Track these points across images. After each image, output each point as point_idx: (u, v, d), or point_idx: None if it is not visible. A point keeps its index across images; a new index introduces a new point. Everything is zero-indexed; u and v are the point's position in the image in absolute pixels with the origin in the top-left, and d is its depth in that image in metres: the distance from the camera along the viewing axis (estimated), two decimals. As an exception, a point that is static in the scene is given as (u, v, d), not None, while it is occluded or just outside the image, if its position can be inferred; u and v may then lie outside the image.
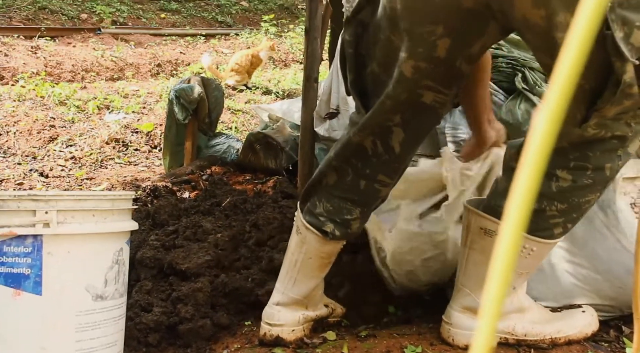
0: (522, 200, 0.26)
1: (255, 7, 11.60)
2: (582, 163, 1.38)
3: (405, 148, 1.58)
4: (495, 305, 0.27)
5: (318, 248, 1.67)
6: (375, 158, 1.58)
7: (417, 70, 1.42)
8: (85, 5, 9.64)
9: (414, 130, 1.56)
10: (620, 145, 1.37)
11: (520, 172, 0.27)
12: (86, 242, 1.47)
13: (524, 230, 1.08)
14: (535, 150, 0.26)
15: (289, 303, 1.71)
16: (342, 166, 1.61)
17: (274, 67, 7.97)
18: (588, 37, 0.27)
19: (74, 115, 5.03)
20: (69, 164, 4.11)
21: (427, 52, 1.39)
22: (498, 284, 0.27)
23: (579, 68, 0.26)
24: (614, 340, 1.60)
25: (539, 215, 1.44)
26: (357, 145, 1.58)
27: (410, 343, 1.60)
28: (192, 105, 3.41)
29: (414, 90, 1.47)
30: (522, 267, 1.52)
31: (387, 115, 1.52)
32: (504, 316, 1.59)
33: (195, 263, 1.96)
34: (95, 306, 1.47)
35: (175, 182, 3.10)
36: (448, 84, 1.48)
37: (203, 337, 1.77)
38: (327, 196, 1.64)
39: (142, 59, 7.40)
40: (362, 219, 1.67)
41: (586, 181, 1.39)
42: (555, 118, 0.25)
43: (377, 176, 1.60)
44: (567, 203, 1.42)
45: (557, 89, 0.25)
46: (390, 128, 1.55)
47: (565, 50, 0.26)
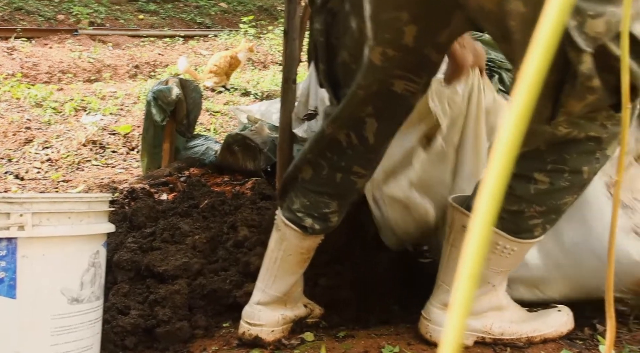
0: (491, 196, 0.27)
1: (234, 8, 11.58)
2: (559, 166, 1.39)
3: (379, 138, 1.58)
4: (465, 302, 0.27)
5: (297, 245, 1.67)
6: (351, 150, 1.59)
7: (386, 58, 1.42)
8: (62, 6, 9.55)
9: (388, 119, 1.56)
10: (597, 147, 1.37)
11: (489, 168, 0.27)
12: (62, 245, 1.45)
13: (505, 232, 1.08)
14: (504, 146, 0.26)
15: (270, 302, 1.71)
16: (317, 161, 1.62)
17: (253, 68, 7.95)
18: (556, 30, 0.27)
19: (50, 117, 4.98)
20: (45, 167, 4.07)
21: (394, 38, 1.39)
22: (467, 281, 0.27)
23: (546, 63, 0.27)
24: (588, 338, 1.62)
25: (518, 217, 1.45)
26: (331, 139, 1.58)
27: (388, 343, 1.60)
28: (169, 107, 3.39)
29: (384, 79, 1.47)
30: (503, 266, 1.53)
31: (359, 106, 1.52)
32: (481, 314, 1.60)
33: (172, 266, 1.94)
34: (71, 309, 1.45)
35: (153, 184, 3.08)
36: (418, 73, 1.48)
37: (181, 339, 1.76)
38: (304, 191, 1.65)
39: (119, 60, 7.34)
40: (340, 212, 1.68)
41: (563, 183, 1.40)
42: (523, 114, 0.25)
43: (352, 168, 1.61)
44: (546, 205, 1.43)
45: (524, 85, 0.26)
46: (363, 119, 1.55)
47: (532, 44, 0.27)
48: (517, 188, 1.42)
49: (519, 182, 1.42)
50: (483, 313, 1.60)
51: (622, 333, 1.65)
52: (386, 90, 1.49)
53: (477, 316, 1.59)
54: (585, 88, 1.25)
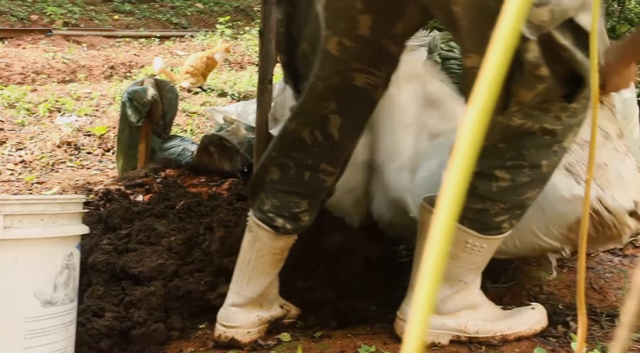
0: (453, 192, 0.27)
1: (210, 9, 11.53)
2: (518, 161, 1.40)
3: (344, 134, 1.58)
4: (428, 299, 0.28)
5: (270, 245, 1.67)
6: (316, 147, 1.59)
7: (343, 49, 1.42)
8: (35, 6, 9.44)
9: (351, 114, 1.56)
10: (554, 140, 1.39)
11: (452, 163, 0.27)
12: (34, 247, 1.43)
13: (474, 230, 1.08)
14: (465, 141, 0.27)
15: (245, 304, 1.70)
16: (283, 161, 1.62)
17: (230, 69, 7.93)
18: (517, 24, 0.27)
19: (24, 118, 4.92)
20: (19, 168, 4.02)
21: (349, 28, 1.39)
22: (430, 278, 0.28)
23: (507, 58, 0.27)
24: (561, 336, 1.64)
25: (484, 215, 1.46)
26: (296, 137, 1.58)
27: (364, 342, 1.61)
28: (145, 108, 3.37)
29: (344, 73, 1.46)
30: (474, 263, 1.54)
31: (322, 102, 1.52)
32: (456, 313, 1.61)
33: (148, 267, 1.93)
34: (44, 312, 1.44)
35: (128, 186, 3.06)
36: (378, 66, 1.49)
37: (156, 341, 1.75)
38: (273, 192, 1.64)
39: (94, 61, 7.27)
40: (312, 211, 1.68)
41: (524, 179, 1.42)
42: (484, 109, 0.26)
43: (319, 165, 1.61)
44: (509, 202, 1.44)
45: (485, 80, 0.26)
46: (326, 116, 1.55)
47: (493, 38, 0.27)
48: (479, 186, 1.43)
49: (481, 181, 1.43)
50: (457, 312, 1.61)
51: (595, 331, 1.67)
52: (348, 84, 1.49)
53: (452, 315, 1.60)
54: (534, 76, 1.26)
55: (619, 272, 2.07)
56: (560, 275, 2.05)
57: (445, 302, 1.59)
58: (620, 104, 2.40)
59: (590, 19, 1.24)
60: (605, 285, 1.96)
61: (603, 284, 1.97)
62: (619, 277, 2.03)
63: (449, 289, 1.57)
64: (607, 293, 1.91)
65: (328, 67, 1.45)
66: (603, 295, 1.90)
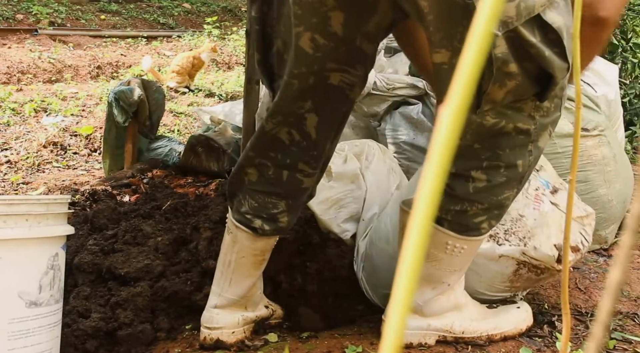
0: (429, 191, 0.27)
1: (198, 9, 11.50)
2: (494, 162, 1.41)
3: (321, 133, 1.57)
4: (405, 300, 0.28)
5: (250, 246, 1.66)
6: (294, 146, 1.58)
7: (317, 47, 1.41)
8: (21, 6, 9.38)
9: (327, 112, 1.55)
10: (528, 140, 1.39)
11: (428, 163, 0.27)
12: (19, 247, 1.42)
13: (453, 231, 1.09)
14: (441, 140, 0.27)
15: (227, 305, 1.69)
16: (261, 161, 1.61)
17: (217, 69, 7.91)
18: (491, 21, 0.28)
19: (9, 118, 4.89)
20: (4, 168, 3.99)
21: (321, 24, 1.39)
22: (407, 278, 0.28)
23: (482, 57, 0.27)
24: (547, 335, 1.65)
25: (462, 216, 1.46)
26: (273, 137, 1.57)
27: (351, 343, 1.61)
28: (132, 108, 3.35)
29: (319, 72, 1.46)
30: (456, 265, 1.55)
31: (297, 101, 1.51)
32: (441, 314, 1.61)
33: (134, 268, 1.92)
34: (29, 313, 1.43)
35: (115, 186, 3.05)
36: (353, 65, 1.49)
37: (143, 342, 1.74)
38: (251, 193, 1.63)
39: (81, 60, 7.23)
40: (290, 212, 1.66)
41: (500, 179, 1.42)
42: (460, 108, 0.26)
43: (297, 165, 1.60)
44: (487, 202, 1.45)
45: (461, 79, 0.26)
46: (303, 115, 1.54)
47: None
48: (456, 188, 1.44)
49: (458, 182, 1.44)
50: (443, 314, 1.61)
51: (580, 330, 1.68)
52: (323, 83, 1.49)
53: (438, 316, 1.61)
54: (503, 73, 1.26)
55: (604, 272, 2.08)
56: (546, 275, 2.06)
57: (429, 304, 1.59)
58: (605, 105, 2.43)
59: (558, 16, 1.25)
60: (590, 285, 1.98)
61: (588, 284, 1.99)
62: (604, 277, 2.04)
63: (432, 291, 1.58)
64: (592, 293, 1.92)
65: (302, 64, 1.45)
66: (588, 295, 1.91)
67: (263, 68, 1.56)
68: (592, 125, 2.27)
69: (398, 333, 0.28)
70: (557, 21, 1.23)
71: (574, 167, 0.94)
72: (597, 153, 2.25)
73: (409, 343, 1.60)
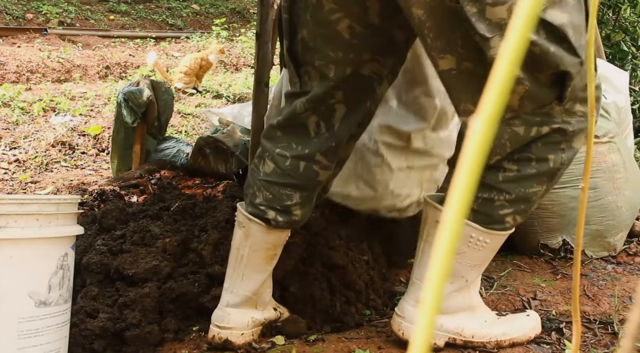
0: (462, 193, 0.27)
1: (206, 10, 11.52)
2: (525, 154, 1.43)
3: (344, 125, 1.63)
4: (436, 296, 0.28)
5: (263, 239, 1.67)
6: (317, 138, 1.63)
7: (354, 34, 1.48)
8: (31, 5, 9.41)
9: (355, 105, 1.61)
10: (563, 139, 1.41)
11: (461, 164, 0.27)
12: (29, 247, 1.43)
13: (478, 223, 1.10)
14: (474, 149, 0.27)
15: (239, 303, 1.70)
16: (280, 152, 1.65)
17: (225, 71, 7.92)
18: (526, 32, 0.28)
19: (18, 117, 4.90)
20: (13, 167, 4.00)
21: (361, 13, 1.46)
22: (439, 274, 0.28)
23: (516, 64, 0.27)
24: (555, 342, 1.65)
25: (489, 205, 1.47)
26: (302, 124, 1.63)
27: (358, 347, 1.61)
28: (140, 109, 3.36)
29: (355, 62, 1.53)
30: (476, 259, 1.54)
31: (331, 91, 1.57)
32: (455, 313, 1.60)
33: (142, 269, 1.93)
34: (38, 312, 1.43)
35: (123, 186, 3.05)
36: (384, 53, 1.55)
37: (150, 343, 1.74)
38: (266, 185, 1.66)
39: (90, 60, 7.25)
40: (304, 205, 1.68)
41: (530, 171, 1.43)
42: (493, 116, 0.26)
43: (315, 156, 1.63)
44: (515, 193, 1.45)
45: (495, 84, 0.26)
46: (333, 106, 1.60)
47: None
48: (486, 176, 1.45)
49: (489, 171, 1.45)
50: (456, 312, 1.60)
51: (588, 338, 1.68)
52: (356, 73, 1.55)
53: (451, 315, 1.60)
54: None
55: (613, 280, 2.08)
56: (554, 281, 2.05)
57: (445, 300, 1.59)
58: (615, 112, 2.42)
59: (562, 14, 1.26)
60: (598, 293, 1.97)
61: (596, 291, 1.98)
62: (613, 284, 2.03)
63: (450, 286, 1.58)
64: (601, 300, 1.91)
65: (339, 49, 1.51)
66: (596, 303, 1.90)
67: (290, 54, 1.61)
68: (602, 132, 2.26)
69: (427, 335, 0.28)
70: (560, 19, 1.25)
71: (586, 174, 0.94)
72: (607, 160, 2.24)
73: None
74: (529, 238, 2.28)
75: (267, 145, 1.67)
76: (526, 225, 2.22)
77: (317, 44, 1.53)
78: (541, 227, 2.25)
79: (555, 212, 2.22)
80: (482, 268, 1.61)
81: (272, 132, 1.68)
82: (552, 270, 2.15)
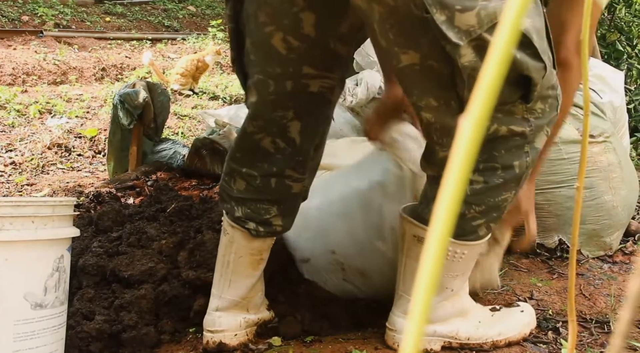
0: (448, 206, 0.27)
1: (202, 12, 11.52)
2: (490, 164, 1.41)
3: (305, 137, 1.59)
4: (423, 309, 0.28)
5: (247, 245, 1.66)
6: (280, 154, 1.60)
7: (290, 48, 1.43)
8: (26, 7, 9.40)
9: (310, 118, 1.58)
10: (524, 141, 1.39)
11: (447, 174, 0.27)
12: (25, 249, 1.43)
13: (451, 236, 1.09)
14: (461, 156, 0.27)
15: (229, 307, 1.69)
16: (248, 171, 1.62)
17: (222, 72, 7.92)
18: (515, 30, 0.28)
19: (14, 120, 4.89)
20: (9, 170, 4.00)
21: (293, 25, 1.40)
22: (425, 289, 0.28)
23: (505, 66, 0.27)
24: (551, 342, 1.65)
25: (460, 220, 1.46)
26: (257, 147, 1.59)
27: (355, 347, 1.61)
28: (137, 110, 3.36)
29: (297, 79, 1.48)
30: (457, 270, 1.55)
31: (279, 111, 1.53)
32: (447, 320, 1.61)
33: (139, 270, 1.92)
34: (34, 315, 1.43)
35: (119, 188, 3.05)
36: (330, 69, 1.51)
37: (147, 344, 1.74)
38: (242, 201, 1.64)
39: (86, 62, 7.24)
40: (285, 216, 1.67)
41: (497, 181, 1.42)
42: (480, 123, 0.26)
43: (284, 171, 1.61)
44: (484, 204, 1.44)
45: (481, 93, 0.26)
46: (285, 125, 1.56)
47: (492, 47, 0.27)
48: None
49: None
50: (448, 319, 1.61)
51: (584, 337, 1.68)
52: (304, 92, 1.51)
53: (443, 322, 1.61)
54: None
55: (609, 279, 2.08)
56: (550, 281, 2.06)
57: (434, 310, 1.59)
58: (610, 112, 2.42)
59: (526, 19, 1.26)
60: (594, 292, 1.97)
61: (593, 291, 1.98)
62: (609, 283, 2.04)
63: (437, 298, 1.58)
64: (597, 299, 1.92)
65: (276, 65, 1.46)
66: (593, 302, 1.91)
67: (238, 66, 1.57)
68: (597, 131, 2.26)
69: (416, 346, 0.28)
70: (524, 24, 1.24)
71: (581, 173, 0.94)
72: (603, 159, 2.24)
73: None
74: (525, 238, 2.28)
75: (232, 165, 1.64)
76: (522, 226, 2.23)
77: (257, 57, 1.49)
78: (537, 227, 2.25)
79: (551, 211, 2.23)
80: (467, 276, 1.61)
81: (233, 152, 1.65)
82: (549, 269, 2.15)
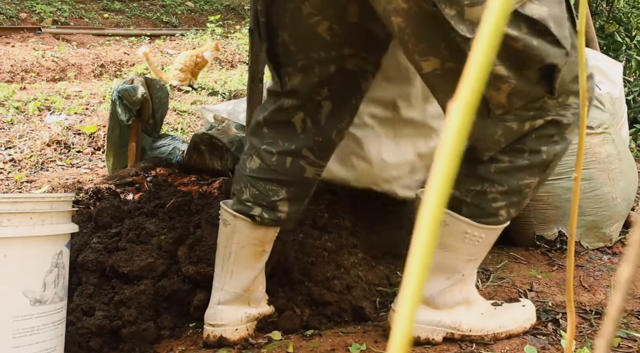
0: (440, 186, 0.27)
1: (201, 7, 11.50)
2: (518, 145, 1.42)
3: (330, 120, 1.65)
4: (416, 290, 0.28)
5: (249, 235, 1.67)
6: (303, 134, 1.65)
7: (334, 34, 1.51)
8: (24, 4, 9.39)
9: (341, 100, 1.63)
10: (556, 131, 1.41)
11: (438, 159, 0.27)
12: (23, 246, 1.43)
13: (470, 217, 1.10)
14: (451, 135, 0.27)
15: (230, 300, 1.69)
16: (266, 148, 1.66)
17: (221, 68, 7.91)
18: (500, 17, 0.27)
19: (13, 117, 4.89)
20: (8, 167, 4.00)
21: (339, 15, 1.49)
22: (418, 270, 0.28)
23: (492, 52, 0.27)
24: (551, 333, 1.65)
25: (481, 198, 1.46)
26: (287, 122, 1.64)
27: (355, 341, 1.61)
28: (135, 106, 3.35)
29: (337, 59, 1.55)
30: (472, 254, 1.54)
31: (316, 88, 1.59)
32: (452, 307, 1.60)
33: (138, 266, 1.93)
34: (33, 311, 1.43)
35: (118, 184, 3.05)
36: (367, 49, 1.58)
37: (147, 340, 1.74)
38: (252, 181, 1.67)
39: (84, 59, 7.24)
40: (291, 203, 1.69)
41: (523, 162, 1.43)
42: (468, 107, 0.26)
43: (301, 151, 1.65)
44: (507, 185, 1.45)
45: (470, 72, 0.26)
46: (319, 103, 1.62)
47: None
48: (479, 168, 1.45)
49: (481, 164, 1.45)
50: (453, 307, 1.61)
51: (584, 328, 1.68)
52: (340, 69, 1.57)
53: (448, 310, 1.60)
54: (493, 76, 1.29)
55: (608, 270, 2.08)
56: (550, 273, 2.05)
57: (441, 295, 1.59)
58: (609, 103, 2.42)
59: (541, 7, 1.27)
60: (594, 283, 1.97)
61: (592, 282, 1.98)
62: (609, 274, 2.04)
63: (447, 281, 1.57)
64: (597, 291, 1.92)
65: (321, 49, 1.54)
66: (592, 293, 1.91)
67: (269, 56, 1.62)
68: (596, 123, 2.26)
69: (408, 327, 0.28)
70: (539, 12, 1.26)
71: (579, 164, 0.94)
72: (602, 151, 2.24)
73: (417, 338, 1.60)
74: (524, 230, 2.28)
75: (253, 141, 1.68)
76: (522, 217, 2.23)
77: (298, 46, 1.56)
78: (537, 219, 2.25)
79: (550, 203, 2.23)
80: (479, 262, 1.61)
81: (257, 128, 1.68)
82: (548, 261, 2.15)
